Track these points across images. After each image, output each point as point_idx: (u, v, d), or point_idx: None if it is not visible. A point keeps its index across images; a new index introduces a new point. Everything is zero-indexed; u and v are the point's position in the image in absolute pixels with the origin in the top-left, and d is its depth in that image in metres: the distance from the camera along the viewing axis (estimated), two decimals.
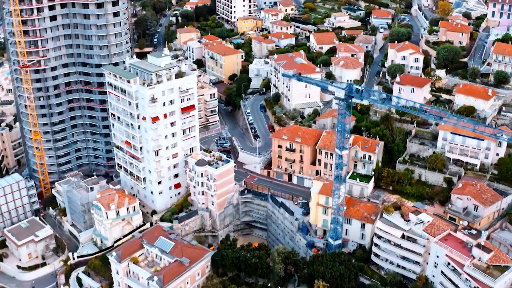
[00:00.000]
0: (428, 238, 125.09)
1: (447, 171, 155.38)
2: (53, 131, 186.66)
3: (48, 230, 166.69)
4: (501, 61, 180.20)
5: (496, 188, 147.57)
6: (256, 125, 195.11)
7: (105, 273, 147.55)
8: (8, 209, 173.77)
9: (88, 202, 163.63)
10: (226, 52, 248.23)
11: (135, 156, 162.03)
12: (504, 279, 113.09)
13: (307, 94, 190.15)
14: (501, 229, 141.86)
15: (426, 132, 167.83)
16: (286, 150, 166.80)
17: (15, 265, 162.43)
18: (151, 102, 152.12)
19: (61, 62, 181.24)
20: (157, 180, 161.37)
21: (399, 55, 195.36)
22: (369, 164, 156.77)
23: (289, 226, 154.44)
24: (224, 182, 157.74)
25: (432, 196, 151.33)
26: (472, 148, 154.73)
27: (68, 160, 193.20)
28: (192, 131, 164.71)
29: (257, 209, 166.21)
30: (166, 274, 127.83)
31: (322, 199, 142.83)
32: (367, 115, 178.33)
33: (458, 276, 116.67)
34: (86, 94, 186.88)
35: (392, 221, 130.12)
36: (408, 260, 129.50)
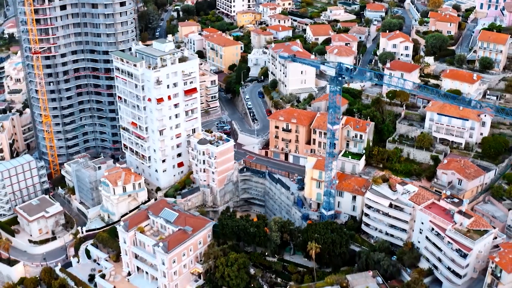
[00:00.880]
0: (413, 207, 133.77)
1: (433, 150, 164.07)
2: (62, 115, 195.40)
3: (58, 207, 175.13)
4: (486, 48, 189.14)
5: (479, 164, 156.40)
6: (254, 110, 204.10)
7: (112, 245, 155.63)
8: (20, 188, 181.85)
9: (96, 180, 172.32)
10: (226, 43, 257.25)
11: (141, 136, 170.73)
12: (483, 242, 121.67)
13: (303, 80, 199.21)
14: (484, 202, 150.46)
15: (415, 114, 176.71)
16: (283, 130, 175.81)
17: (26, 240, 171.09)
18: (156, 84, 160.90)
19: (70, 49, 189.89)
20: (161, 159, 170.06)
21: (390, 43, 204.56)
22: (360, 143, 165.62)
23: (285, 201, 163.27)
24: (224, 160, 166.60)
25: (419, 172, 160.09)
26: (457, 127, 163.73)
27: (76, 143, 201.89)
28: (194, 113, 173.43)
29: (255, 186, 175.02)
30: (170, 241, 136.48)
31: (315, 174, 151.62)
32: (359, 99, 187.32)
33: (441, 240, 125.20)
34: (93, 79, 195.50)
35: (380, 192, 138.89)
36: (395, 228, 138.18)
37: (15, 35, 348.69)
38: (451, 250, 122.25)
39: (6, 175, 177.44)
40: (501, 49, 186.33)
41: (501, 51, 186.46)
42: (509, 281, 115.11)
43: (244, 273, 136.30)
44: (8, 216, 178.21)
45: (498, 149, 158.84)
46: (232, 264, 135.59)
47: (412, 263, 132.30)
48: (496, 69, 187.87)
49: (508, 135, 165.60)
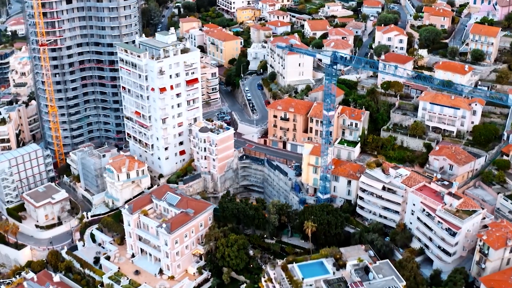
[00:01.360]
0: (405, 189, 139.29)
1: (426, 137, 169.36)
2: (67, 105, 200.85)
3: (63, 193, 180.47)
4: (478, 41, 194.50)
5: (470, 151, 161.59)
6: (253, 101, 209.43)
7: (117, 228, 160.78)
8: (27, 175, 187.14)
9: (101, 167, 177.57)
10: (226, 38, 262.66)
11: (144, 125, 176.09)
12: (471, 221, 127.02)
13: (301, 72, 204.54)
14: (474, 187, 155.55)
15: (408, 104, 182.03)
16: (281, 119, 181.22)
17: (33, 225, 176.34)
18: (159, 74, 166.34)
19: (76, 41, 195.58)
20: (164, 146, 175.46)
21: (385, 36, 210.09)
22: (356, 131, 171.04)
23: (283, 186, 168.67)
24: (225, 148, 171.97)
25: (412, 159, 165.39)
26: (449, 116, 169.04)
27: (80, 133, 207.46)
28: (196, 103, 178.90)
29: (254, 173, 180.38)
30: (173, 222, 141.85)
31: (312, 160, 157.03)
32: (354, 90, 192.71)
33: (431, 220, 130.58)
34: (98, 71, 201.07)
35: (374, 176, 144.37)
36: (388, 210, 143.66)
37: (17, 32, 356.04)
38: (441, 229, 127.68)
39: (14, 163, 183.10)
40: (492, 41, 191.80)
41: (492, 44, 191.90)
42: (496, 257, 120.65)
43: (243, 254, 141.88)
44: (16, 203, 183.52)
45: (488, 137, 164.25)
46: (232, 245, 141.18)
47: (404, 243, 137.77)
48: (487, 61, 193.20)
49: (499, 123, 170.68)
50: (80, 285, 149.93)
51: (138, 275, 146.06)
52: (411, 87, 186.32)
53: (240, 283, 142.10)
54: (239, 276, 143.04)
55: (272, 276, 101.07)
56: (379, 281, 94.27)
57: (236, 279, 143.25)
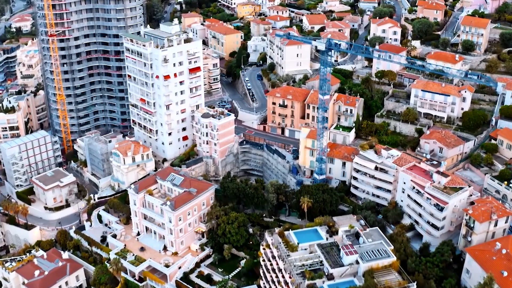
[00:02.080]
0: (396, 169, 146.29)
1: (418, 123, 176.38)
2: (74, 94, 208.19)
3: (71, 177, 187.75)
4: (468, 32, 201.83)
5: (460, 135, 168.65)
6: (253, 90, 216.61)
7: (123, 209, 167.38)
8: (36, 161, 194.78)
9: (107, 152, 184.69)
10: (227, 31, 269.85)
11: (149, 111, 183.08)
12: (458, 197, 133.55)
13: (299, 62, 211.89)
14: (463, 169, 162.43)
15: (401, 92, 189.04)
16: (279, 106, 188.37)
17: (42, 208, 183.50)
18: (163, 63, 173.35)
19: (83, 32, 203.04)
20: (167, 132, 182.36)
21: (379, 28, 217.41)
22: (351, 117, 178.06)
23: (281, 169, 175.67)
24: (226, 133, 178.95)
25: (404, 143, 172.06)
26: (440, 103, 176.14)
27: (87, 121, 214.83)
28: (198, 90, 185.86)
29: (254, 158, 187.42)
30: (177, 200, 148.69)
31: (309, 143, 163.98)
32: (350, 79, 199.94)
33: (421, 196, 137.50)
34: (104, 61, 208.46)
35: (367, 156, 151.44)
36: (381, 189, 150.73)
37: (22, 28, 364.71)
38: (429, 205, 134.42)
39: (23, 148, 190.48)
40: (482, 32, 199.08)
41: (482, 35, 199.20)
42: (481, 231, 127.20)
43: (243, 231, 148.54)
44: (25, 187, 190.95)
45: (477, 122, 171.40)
46: (233, 222, 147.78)
47: (395, 220, 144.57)
48: (477, 51, 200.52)
49: (487, 110, 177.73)
50: (88, 262, 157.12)
51: (143, 252, 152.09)
52: (404, 76, 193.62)
53: (240, 258, 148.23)
54: (239, 252, 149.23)
55: (270, 242, 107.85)
56: (369, 245, 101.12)
57: (236, 255, 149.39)
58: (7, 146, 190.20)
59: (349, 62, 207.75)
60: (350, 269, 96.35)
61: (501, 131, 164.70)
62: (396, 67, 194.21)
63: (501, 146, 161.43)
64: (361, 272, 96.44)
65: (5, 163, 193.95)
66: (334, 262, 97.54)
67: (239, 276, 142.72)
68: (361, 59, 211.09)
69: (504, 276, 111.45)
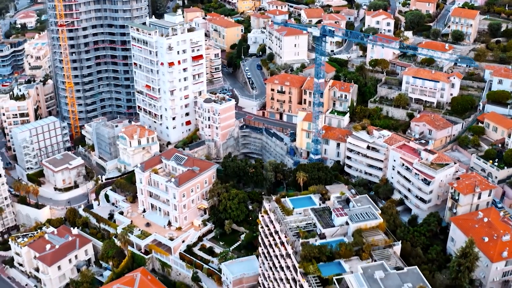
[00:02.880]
0: (387, 148, 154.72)
1: (409, 108, 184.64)
2: (82, 82, 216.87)
3: (79, 160, 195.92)
4: (458, 22, 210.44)
5: (448, 119, 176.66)
6: (253, 79, 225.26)
7: (129, 188, 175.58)
8: (45, 145, 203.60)
9: (114, 136, 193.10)
10: (228, 25, 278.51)
11: (154, 97, 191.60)
12: (444, 172, 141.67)
13: (296, 52, 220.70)
14: (452, 150, 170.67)
15: (394, 79, 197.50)
16: (278, 92, 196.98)
17: (52, 189, 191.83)
18: (168, 50, 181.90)
19: (91, 23, 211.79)
20: (171, 116, 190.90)
21: (373, 20, 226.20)
22: (345, 102, 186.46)
23: (279, 151, 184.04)
24: (227, 117, 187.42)
25: (396, 127, 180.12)
26: (430, 89, 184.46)
27: (94, 108, 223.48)
28: (200, 77, 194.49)
29: (253, 142, 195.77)
30: (181, 177, 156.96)
31: (305, 125, 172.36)
32: (345, 68, 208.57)
33: (409, 172, 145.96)
34: (111, 51, 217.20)
35: (359, 137, 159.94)
36: (373, 167, 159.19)
37: (27, 24, 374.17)
38: (417, 180, 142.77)
39: (34, 133, 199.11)
40: (471, 23, 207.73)
41: (471, 25, 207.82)
42: (465, 203, 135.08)
43: (243, 207, 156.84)
44: (35, 169, 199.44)
45: (465, 107, 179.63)
46: (233, 198, 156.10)
47: (386, 196, 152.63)
48: (466, 41, 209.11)
49: (475, 96, 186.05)
50: (96, 238, 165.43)
51: (149, 227, 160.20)
52: (397, 64, 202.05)
53: (240, 233, 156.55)
54: (239, 227, 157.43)
55: (267, 208, 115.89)
56: (358, 208, 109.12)
57: (237, 230, 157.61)
58: (18, 130, 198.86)
59: (345, 52, 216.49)
60: (340, 229, 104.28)
61: (488, 114, 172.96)
62: (389, 56, 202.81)
63: (487, 128, 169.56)
64: (350, 232, 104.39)
65: (16, 147, 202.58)
66: (326, 223, 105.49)
67: (239, 249, 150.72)
68: (356, 49, 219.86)
69: (485, 241, 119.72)
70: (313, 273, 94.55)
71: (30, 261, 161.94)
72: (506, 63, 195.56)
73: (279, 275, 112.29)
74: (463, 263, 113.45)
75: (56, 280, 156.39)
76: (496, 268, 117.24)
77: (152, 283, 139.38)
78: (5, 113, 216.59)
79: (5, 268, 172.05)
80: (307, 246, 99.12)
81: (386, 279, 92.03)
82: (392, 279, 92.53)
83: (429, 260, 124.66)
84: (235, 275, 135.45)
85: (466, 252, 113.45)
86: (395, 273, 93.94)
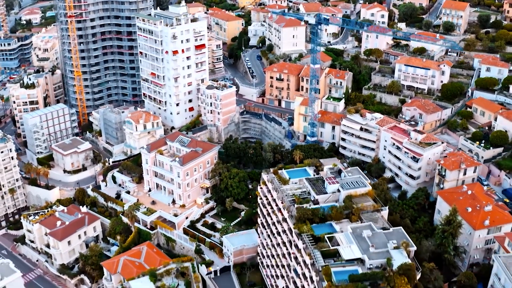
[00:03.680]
0: (379, 129, 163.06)
1: (401, 94, 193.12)
2: (90, 71, 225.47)
3: (87, 144, 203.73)
4: (449, 14, 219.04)
5: (438, 104, 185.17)
6: (253, 69, 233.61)
7: (135, 170, 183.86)
8: (55, 130, 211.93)
9: (121, 121, 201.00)
10: (229, 18, 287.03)
11: (159, 84, 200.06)
12: (432, 150, 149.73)
13: (294, 43, 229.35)
14: (441, 133, 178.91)
15: (387, 67, 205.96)
16: (276, 80, 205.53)
17: (61, 172, 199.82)
18: (172, 39, 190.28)
19: (98, 15, 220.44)
20: (175, 102, 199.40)
21: (368, 12, 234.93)
22: (340, 89, 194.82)
23: (278, 135, 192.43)
24: (228, 103, 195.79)
25: (389, 112, 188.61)
26: (421, 76, 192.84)
27: (101, 96, 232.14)
28: (203, 65, 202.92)
29: (253, 127, 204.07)
30: (185, 157, 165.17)
31: (302, 109, 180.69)
32: (341, 57, 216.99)
33: (400, 151, 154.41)
34: (117, 41, 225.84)
35: (353, 119, 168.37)
36: (366, 148, 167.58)
37: (32, 21, 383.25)
38: (407, 157, 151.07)
39: (44, 119, 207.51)
40: (461, 14, 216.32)
41: (461, 16, 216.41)
42: (452, 178, 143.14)
43: (243, 185, 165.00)
44: (45, 154, 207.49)
45: (455, 93, 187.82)
46: (234, 177, 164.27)
47: (378, 174, 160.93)
48: (457, 31, 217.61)
49: (465, 83, 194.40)
50: (104, 216, 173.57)
51: (154, 205, 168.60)
52: (390, 53, 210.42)
53: (240, 210, 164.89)
54: (239, 205, 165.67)
55: (265, 179, 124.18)
56: (349, 177, 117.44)
57: (237, 208, 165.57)
58: (29, 116, 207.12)
59: (341, 42, 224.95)
60: (332, 196, 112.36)
61: (476, 100, 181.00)
62: (383, 46, 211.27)
63: (475, 113, 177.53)
64: (341, 199, 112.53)
65: (27, 132, 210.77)
66: (319, 190, 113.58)
67: (239, 224, 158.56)
68: (351, 40, 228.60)
69: (469, 211, 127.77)
70: (306, 232, 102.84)
71: (41, 238, 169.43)
72: (495, 52, 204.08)
73: (276, 240, 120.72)
74: (447, 229, 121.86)
75: (66, 254, 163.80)
76: (478, 236, 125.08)
77: (157, 255, 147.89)
78: (16, 101, 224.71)
79: (16, 246, 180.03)
80: (302, 209, 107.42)
81: (373, 237, 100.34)
82: (379, 237, 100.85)
83: (417, 230, 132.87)
84: (236, 246, 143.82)
85: (450, 220, 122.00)
86: (381, 232, 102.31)
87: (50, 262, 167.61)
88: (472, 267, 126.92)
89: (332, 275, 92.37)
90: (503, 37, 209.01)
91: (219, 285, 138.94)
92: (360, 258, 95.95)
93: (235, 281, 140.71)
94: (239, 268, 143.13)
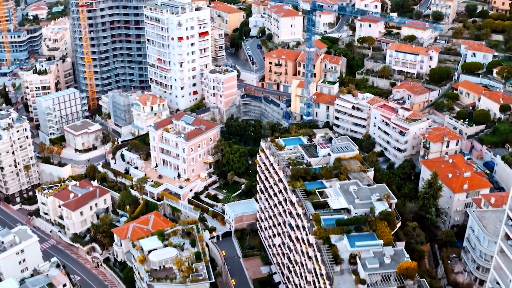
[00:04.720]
0: (369, 107, 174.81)
1: (392, 78, 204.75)
2: (99, 58, 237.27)
3: (97, 125, 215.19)
4: (438, 4, 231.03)
5: (426, 87, 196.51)
6: (253, 56, 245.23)
7: (143, 148, 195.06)
8: (66, 113, 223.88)
9: (129, 104, 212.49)
10: (231, 10, 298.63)
11: (165, 69, 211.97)
12: (417, 126, 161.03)
13: (292, 32, 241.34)
14: (428, 113, 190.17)
15: (379, 54, 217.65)
16: (275, 65, 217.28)
17: (72, 151, 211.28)
18: (177, 26, 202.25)
19: (108, 4, 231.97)
20: (180, 86, 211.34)
21: (362, 3, 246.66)
22: (335, 73, 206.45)
23: (276, 116, 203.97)
24: (229, 86, 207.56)
25: (380, 94, 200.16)
26: (411, 61, 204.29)
27: (109, 82, 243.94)
28: (206, 52, 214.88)
29: (253, 109, 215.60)
30: (189, 134, 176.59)
31: (299, 91, 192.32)
32: (336, 45, 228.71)
33: (388, 126, 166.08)
34: (125, 30, 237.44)
35: (345, 99, 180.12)
36: (357, 125, 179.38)
37: (38, 16, 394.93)
38: (395, 132, 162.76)
39: (56, 102, 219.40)
40: (449, 4, 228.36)
41: (450, 6, 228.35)
42: (435, 150, 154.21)
43: (244, 160, 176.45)
44: (57, 135, 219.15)
45: (442, 76, 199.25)
46: (235, 152, 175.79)
47: (369, 149, 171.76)
48: (446, 21, 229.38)
49: (452, 68, 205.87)
50: (113, 191, 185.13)
51: (161, 179, 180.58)
52: (382, 41, 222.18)
53: (241, 183, 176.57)
54: (240, 179, 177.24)
55: (264, 146, 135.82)
56: (338, 143, 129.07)
57: (238, 181, 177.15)
58: (42, 99, 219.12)
59: (336, 31, 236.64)
60: (323, 159, 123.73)
61: (461, 83, 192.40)
62: (375, 34, 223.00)
63: (461, 95, 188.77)
64: (331, 162, 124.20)
65: (40, 114, 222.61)
66: (312, 154, 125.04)
67: (240, 196, 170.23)
68: (346, 29, 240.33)
69: (449, 177, 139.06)
70: (299, 188, 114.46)
71: (54, 210, 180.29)
72: (481, 40, 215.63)
73: (273, 202, 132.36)
74: (429, 191, 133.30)
75: (78, 224, 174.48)
76: (458, 199, 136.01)
77: (164, 222, 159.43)
78: (29, 86, 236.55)
79: (31, 219, 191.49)
80: (295, 168, 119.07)
81: (358, 191, 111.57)
82: (364, 192, 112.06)
83: (402, 195, 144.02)
84: (237, 213, 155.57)
85: (431, 183, 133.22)
86: (366, 188, 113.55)
87: (63, 232, 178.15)
88: (453, 228, 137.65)
89: (321, 221, 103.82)
90: (489, 26, 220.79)
91: (221, 248, 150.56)
92: (346, 208, 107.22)
93: (236, 244, 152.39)
94: (239, 233, 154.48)
